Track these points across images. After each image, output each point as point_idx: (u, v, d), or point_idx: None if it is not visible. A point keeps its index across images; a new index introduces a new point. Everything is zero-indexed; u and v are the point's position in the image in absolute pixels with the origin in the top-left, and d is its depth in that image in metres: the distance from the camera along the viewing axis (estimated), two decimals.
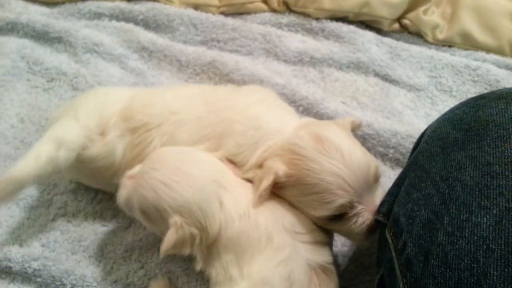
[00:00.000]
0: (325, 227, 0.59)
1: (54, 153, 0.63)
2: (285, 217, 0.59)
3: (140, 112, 0.66)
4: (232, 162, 0.62)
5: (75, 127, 0.66)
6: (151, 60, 0.92)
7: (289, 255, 0.56)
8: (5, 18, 0.95)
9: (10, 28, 0.95)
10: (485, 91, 0.85)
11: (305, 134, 0.57)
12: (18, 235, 0.72)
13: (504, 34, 0.90)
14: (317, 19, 0.95)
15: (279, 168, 0.56)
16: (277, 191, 0.59)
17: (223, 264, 0.57)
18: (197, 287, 0.66)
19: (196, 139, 0.63)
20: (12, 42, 0.93)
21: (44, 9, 1.00)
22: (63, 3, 1.00)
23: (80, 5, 0.99)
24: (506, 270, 0.36)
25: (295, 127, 0.60)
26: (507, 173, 0.41)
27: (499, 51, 0.90)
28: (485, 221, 0.40)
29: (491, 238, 0.39)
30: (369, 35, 0.93)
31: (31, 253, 0.69)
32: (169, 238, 0.54)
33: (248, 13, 0.98)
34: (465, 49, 0.93)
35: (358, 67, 0.90)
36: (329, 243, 0.61)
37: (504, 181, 0.41)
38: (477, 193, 0.42)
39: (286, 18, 0.97)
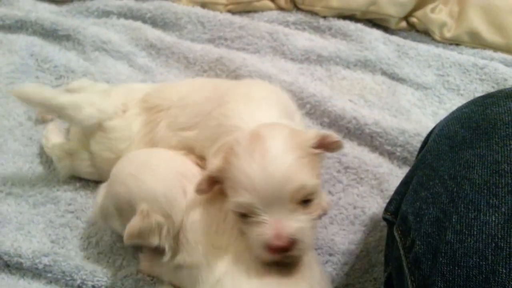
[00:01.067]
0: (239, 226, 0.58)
1: (85, 104, 0.71)
2: None
3: (155, 97, 0.73)
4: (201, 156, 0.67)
5: (107, 99, 0.75)
6: (159, 57, 0.93)
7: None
8: (14, 16, 0.96)
9: (19, 26, 0.96)
10: (492, 90, 0.86)
11: (251, 132, 0.56)
12: (28, 231, 0.74)
13: None
14: (325, 17, 0.96)
15: (214, 163, 0.57)
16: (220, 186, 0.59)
17: (195, 248, 0.59)
18: None
19: (190, 123, 0.68)
20: (21, 40, 0.95)
21: (53, 7, 1.02)
22: (71, 1, 1.01)
23: (88, 3, 1.00)
24: None
25: (258, 125, 0.58)
26: None
27: (507, 50, 0.91)
28: (493, 219, 0.40)
29: (499, 236, 0.39)
30: (377, 33, 0.94)
31: (41, 249, 0.70)
32: (134, 223, 0.58)
33: (255, 11, 0.99)
34: (473, 47, 0.93)
35: (365, 65, 0.90)
36: None
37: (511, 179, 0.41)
38: (485, 191, 0.42)
39: (293, 16, 0.98)
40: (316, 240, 0.73)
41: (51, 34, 0.95)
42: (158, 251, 0.61)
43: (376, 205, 0.74)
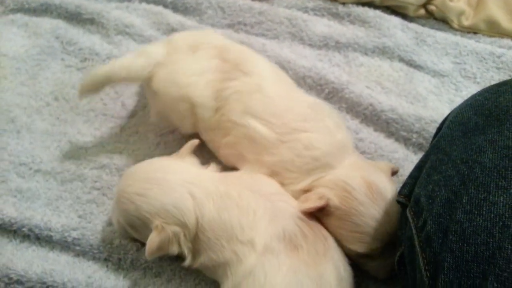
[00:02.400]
0: (354, 259, 0.66)
1: (134, 61, 0.76)
2: (256, 184, 0.67)
3: (237, 55, 0.74)
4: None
5: (160, 46, 0.77)
6: None
7: (273, 215, 0.63)
8: (40, 0, 1.00)
9: (44, 9, 1.00)
10: (509, 78, 0.88)
11: (358, 177, 0.64)
12: (57, 207, 0.78)
13: None
14: (343, 3, 0.98)
15: (331, 198, 0.63)
16: (319, 215, 0.65)
17: (217, 244, 0.62)
18: None
19: (264, 120, 0.69)
20: (47, 23, 0.98)
21: None
22: None
23: None
24: None
25: (347, 166, 0.67)
26: None
27: None
28: (502, 200, 0.44)
29: (507, 215, 0.42)
30: (395, 20, 0.96)
31: (70, 223, 0.74)
32: (152, 241, 0.61)
33: None
34: (490, 36, 0.95)
35: (383, 52, 0.93)
36: None
37: None
38: (495, 174, 0.46)
39: (312, 2, 1.00)
40: None
41: (75, 17, 0.98)
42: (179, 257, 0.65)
43: None
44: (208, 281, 0.70)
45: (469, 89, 0.89)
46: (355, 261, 0.66)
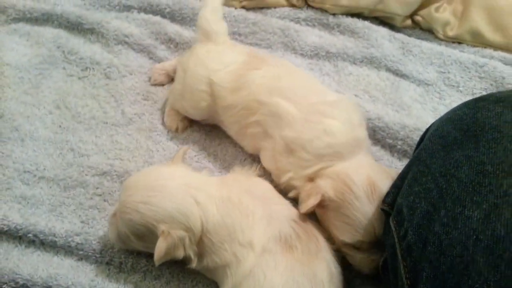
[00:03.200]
0: (342, 250, 0.68)
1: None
2: (253, 188, 0.69)
3: (261, 59, 0.80)
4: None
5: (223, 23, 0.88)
6: (177, 51, 0.98)
7: (270, 218, 0.65)
8: (41, 9, 1.01)
9: (45, 19, 1.01)
10: (491, 87, 0.90)
11: (364, 174, 0.66)
12: (60, 212, 0.79)
13: None
14: (334, 14, 1.00)
15: (327, 191, 0.65)
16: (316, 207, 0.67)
17: (221, 247, 0.64)
18: None
19: (291, 100, 0.73)
20: (48, 32, 0.99)
21: (76, 0, 1.05)
22: None
23: None
24: (490, 257, 0.42)
25: (357, 162, 0.69)
26: (497, 172, 0.47)
27: (506, 49, 0.94)
28: (475, 214, 0.46)
29: (480, 230, 0.44)
30: (383, 31, 0.98)
31: (73, 229, 0.76)
32: (159, 247, 0.62)
33: (268, 7, 1.02)
34: (474, 46, 0.97)
35: (371, 61, 0.94)
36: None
37: (494, 179, 0.46)
38: (470, 189, 0.48)
39: (304, 13, 1.01)
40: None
41: (76, 27, 0.99)
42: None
43: None
44: (205, 282, 0.72)
45: (452, 98, 0.91)
46: (343, 253, 0.68)
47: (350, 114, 0.72)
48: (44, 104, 0.92)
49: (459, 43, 0.98)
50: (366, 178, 0.66)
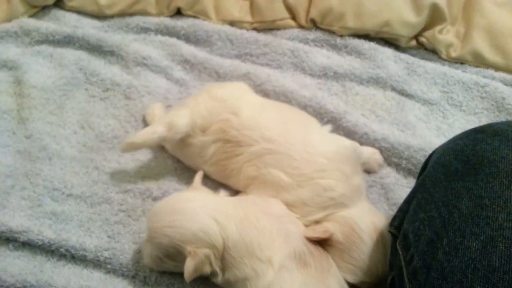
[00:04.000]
0: None
1: (164, 133, 0.82)
2: (268, 207, 0.74)
3: (237, 131, 0.79)
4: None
5: (186, 118, 0.82)
6: (192, 71, 1.02)
7: (286, 236, 0.70)
8: (63, 32, 1.05)
9: (67, 41, 1.05)
10: (491, 107, 0.94)
11: (369, 220, 0.73)
12: (88, 228, 0.83)
13: None
14: (341, 36, 1.03)
15: (335, 232, 0.71)
16: (322, 242, 0.73)
17: (242, 262, 0.68)
18: None
19: (282, 171, 0.76)
20: (70, 54, 1.03)
21: (96, 22, 1.09)
22: (112, 17, 1.09)
23: (128, 19, 1.08)
24: (486, 285, 0.47)
25: (361, 208, 0.75)
26: (494, 206, 0.51)
27: (506, 70, 0.97)
28: (474, 245, 0.50)
29: (478, 259, 0.49)
30: (388, 52, 1.01)
31: (101, 244, 0.80)
32: (188, 266, 0.66)
33: (278, 29, 1.06)
34: (476, 66, 1.00)
35: (377, 82, 0.98)
36: None
37: (491, 213, 0.50)
38: (469, 221, 0.52)
39: (313, 35, 1.05)
40: None
41: (96, 49, 1.03)
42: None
43: (383, 210, 0.84)
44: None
45: (455, 117, 0.95)
46: None
47: (342, 168, 0.76)
48: (69, 124, 0.96)
49: (462, 63, 1.01)
50: (371, 223, 0.72)
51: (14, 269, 0.78)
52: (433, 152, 0.68)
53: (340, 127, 0.91)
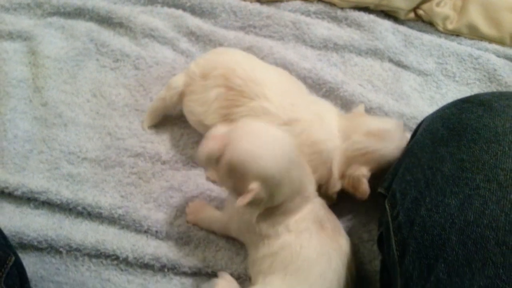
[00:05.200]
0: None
1: (163, 95, 0.88)
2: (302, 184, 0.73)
3: (242, 80, 0.78)
4: None
5: (182, 76, 0.85)
6: (198, 43, 1.04)
7: (312, 208, 0.73)
8: (74, 4, 1.06)
9: (78, 13, 1.06)
10: (484, 78, 0.97)
11: (360, 136, 0.75)
12: (102, 188, 0.88)
13: (506, 27, 0.98)
14: (342, 8, 1.04)
15: (363, 171, 0.74)
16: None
17: (273, 220, 0.71)
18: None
19: None
20: (81, 26, 1.05)
21: None
22: None
23: None
24: (461, 237, 0.51)
25: (340, 136, 0.76)
26: (473, 168, 0.54)
27: (500, 42, 0.99)
28: (453, 203, 0.54)
29: (455, 215, 0.53)
30: (387, 24, 1.02)
31: (115, 202, 0.85)
32: (246, 198, 0.63)
33: (281, 1, 1.07)
34: (471, 39, 1.01)
35: (375, 53, 1.00)
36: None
37: (470, 174, 0.54)
38: (451, 181, 0.56)
39: (315, 7, 1.05)
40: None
41: (106, 21, 1.05)
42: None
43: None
44: (226, 247, 0.83)
45: (449, 87, 0.97)
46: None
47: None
48: (82, 93, 0.99)
49: (457, 35, 1.03)
50: (363, 135, 0.76)
51: (36, 225, 0.83)
52: (423, 120, 0.72)
53: (338, 97, 0.94)
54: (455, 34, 1.03)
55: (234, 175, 0.65)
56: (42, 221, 0.85)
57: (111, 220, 0.85)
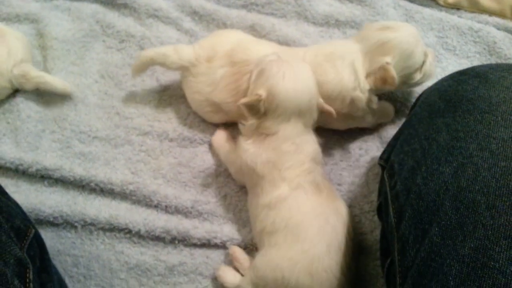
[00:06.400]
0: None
1: (169, 52, 0.87)
2: (308, 149, 0.77)
3: (242, 53, 0.83)
4: None
5: (191, 49, 0.87)
6: (201, 22, 1.05)
7: (310, 167, 0.76)
8: None
9: None
10: (484, 51, 0.97)
11: (373, 32, 0.80)
12: (113, 166, 0.91)
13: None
14: None
15: (386, 59, 0.78)
16: None
17: (272, 163, 0.75)
18: (246, 206, 0.87)
19: None
20: (87, 8, 1.07)
21: None
22: None
23: None
24: (454, 203, 0.53)
25: (355, 41, 0.82)
26: (467, 138, 0.56)
27: (500, 14, 0.99)
28: (447, 171, 0.56)
29: (449, 182, 0.55)
30: None
31: (126, 179, 0.88)
32: (249, 98, 0.75)
33: None
34: (471, 12, 1.01)
35: None
36: None
37: (464, 143, 0.56)
38: (445, 151, 0.58)
39: None
40: (329, 173, 0.91)
41: (110, 2, 1.06)
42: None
43: (375, 148, 0.90)
44: (233, 221, 0.86)
45: (449, 60, 0.98)
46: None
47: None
48: (90, 74, 1.01)
49: (458, 9, 1.03)
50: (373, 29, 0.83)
51: (51, 202, 0.87)
52: (422, 93, 0.73)
53: None
54: (455, 7, 1.03)
55: (254, 82, 0.76)
56: (57, 197, 0.89)
57: (123, 195, 0.89)
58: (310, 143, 0.78)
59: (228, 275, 0.79)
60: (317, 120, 0.79)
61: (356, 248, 0.77)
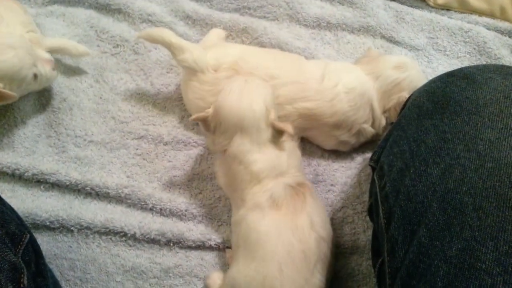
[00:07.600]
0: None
1: (187, 50, 0.85)
2: (259, 166, 0.74)
3: (244, 66, 0.84)
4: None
5: (205, 56, 0.87)
6: (194, 27, 1.04)
7: (265, 185, 0.73)
8: None
9: (77, 1, 1.06)
10: (474, 51, 0.97)
11: (389, 71, 0.85)
12: (109, 170, 0.91)
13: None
14: None
15: (404, 94, 0.85)
16: None
17: (245, 184, 0.74)
18: None
19: (294, 97, 0.84)
20: (81, 13, 1.06)
21: None
22: None
23: None
24: (441, 204, 0.53)
25: (370, 78, 0.86)
26: (454, 139, 0.56)
27: (490, 14, 0.98)
28: (435, 172, 0.56)
29: (437, 183, 0.54)
30: (378, 0, 1.02)
31: (121, 182, 0.89)
32: (198, 115, 0.77)
33: None
34: (461, 12, 1.01)
35: (367, 30, 1.00)
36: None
37: (451, 145, 0.56)
38: (433, 152, 0.57)
39: None
40: (322, 174, 0.91)
41: (104, 7, 1.06)
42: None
43: (368, 149, 0.90)
44: (227, 223, 0.86)
45: (439, 61, 0.98)
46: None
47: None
48: (85, 79, 1.01)
49: (448, 10, 1.02)
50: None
51: (47, 206, 0.87)
52: (411, 95, 0.73)
53: None
54: (445, 8, 1.02)
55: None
56: (53, 202, 0.89)
57: (118, 199, 0.89)
58: (261, 161, 0.73)
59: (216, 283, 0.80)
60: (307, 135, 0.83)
61: (349, 249, 0.77)
